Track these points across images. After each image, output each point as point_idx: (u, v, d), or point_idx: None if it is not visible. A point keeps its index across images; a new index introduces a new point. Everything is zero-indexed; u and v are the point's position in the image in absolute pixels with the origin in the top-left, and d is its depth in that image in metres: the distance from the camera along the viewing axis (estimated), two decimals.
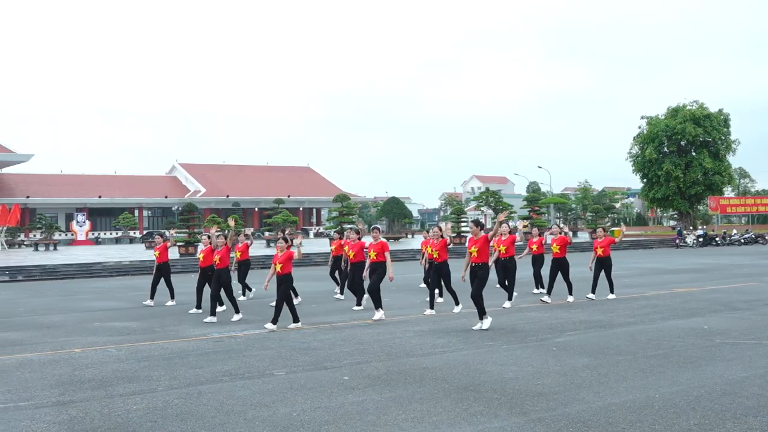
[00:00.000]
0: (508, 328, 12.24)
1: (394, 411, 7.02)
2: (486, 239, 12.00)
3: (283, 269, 12.51)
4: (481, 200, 59.07)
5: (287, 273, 12.55)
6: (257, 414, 7.03)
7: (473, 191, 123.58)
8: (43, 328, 13.84)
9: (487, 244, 12.02)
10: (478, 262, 11.96)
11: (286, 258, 12.56)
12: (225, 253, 14.39)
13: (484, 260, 11.98)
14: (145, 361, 9.99)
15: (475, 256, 11.99)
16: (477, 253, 11.97)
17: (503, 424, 6.53)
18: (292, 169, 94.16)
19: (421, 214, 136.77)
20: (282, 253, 12.63)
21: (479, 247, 11.95)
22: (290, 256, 12.62)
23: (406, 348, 10.53)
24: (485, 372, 8.75)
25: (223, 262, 14.30)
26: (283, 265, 12.51)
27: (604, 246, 16.41)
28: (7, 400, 7.88)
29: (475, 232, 12.12)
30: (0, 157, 69.25)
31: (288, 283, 12.62)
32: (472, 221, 12.56)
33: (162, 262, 17.06)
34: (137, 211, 79.88)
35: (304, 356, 10.03)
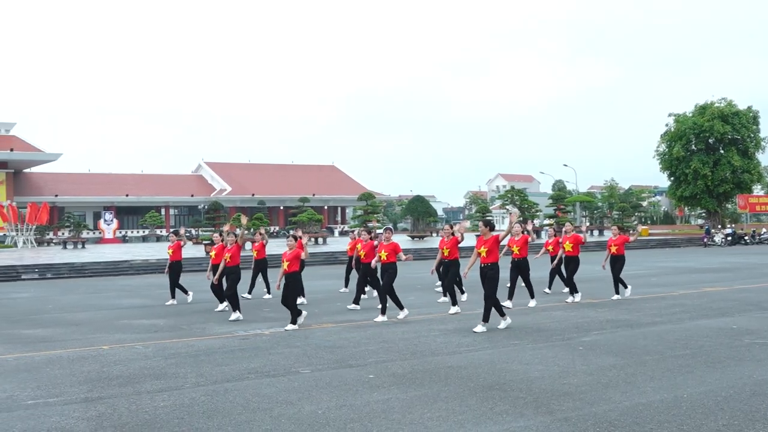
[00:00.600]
0: (534, 327, 12.18)
1: (419, 409, 7.02)
2: (496, 239, 11.86)
3: (290, 267, 12.40)
4: (506, 199, 58.84)
5: (294, 271, 12.44)
6: (283, 411, 7.06)
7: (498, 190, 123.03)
8: (72, 325, 14.00)
9: (497, 244, 11.89)
10: (487, 262, 11.83)
11: (293, 256, 12.44)
12: (236, 251, 14.33)
13: (494, 260, 11.85)
14: (172, 358, 10.07)
15: (484, 257, 11.86)
16: (486, 254, 11.83)
17: (529, 423, 6.50)
18: (317, 168, 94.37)
19: (445, 212, 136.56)
20: (290, 252, 12.53)
21: (489, 248, 11.81)
22: (298, 254, 12.48)
23: (431, 346, 10.52)
24: (511, 371, 8.72)
25: (233, 260, 14.25)
26: (290, 263, 12.41)
27: (619, 244, 16.19)
28: (36, 396, 7.98)
29: (485, 233, 12.00)
30: (29, 157, 70.15)
31: (295, 282, 12.52)
32: (482, 221, 12.45)
33: (175, 260, 17.04)
34: (164, 210, 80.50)
35: (329, 354, 10.06)
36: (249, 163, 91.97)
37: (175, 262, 17.05)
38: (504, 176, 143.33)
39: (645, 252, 40.31)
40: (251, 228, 40.06)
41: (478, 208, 57.66)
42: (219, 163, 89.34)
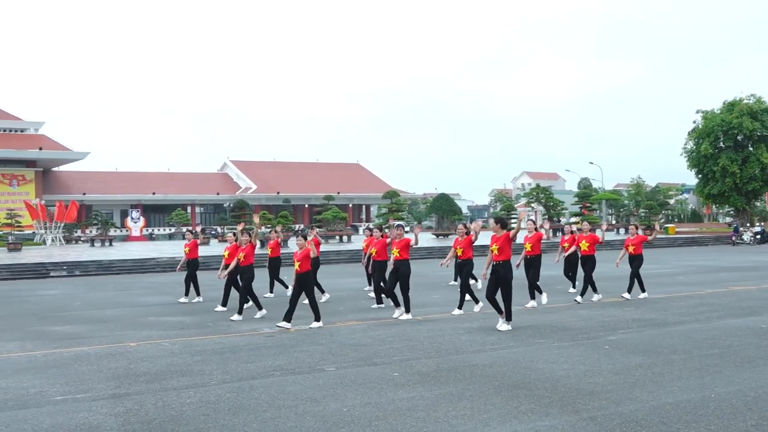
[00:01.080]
0: (559, 326, 12.11)
1: (444, 408, 7.01)
2: (507, 237, 11.74)
3: (302, 267, 12.24)
4: (531, 196, 58.59)
5: (306, 271, 12.29)
6: (308, 409, 7.08)
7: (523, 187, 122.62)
8: (99, 322, 14.14)
9: (508, 242, 11.74)
10: (499, 260, 11.72)
11: (303, 256, 12.28)
12: (249, 250, 14.24)
13: (506, 258, 11.73)
14: (198, 355, 10.14)
15: (496, 254, 11.74)
16: (498, 251, 11.71)
17: (554, 422, 6.47)
18: (341, 166, 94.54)
19: (470, 210, 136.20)
20: (300, 251, 12.36)
21: (500, 245, 11.69)
22: (307, 254, 12.30)
23: (456, 345, 10.50)
24: (536, 370, 8.68)
25: (247, 259, 14.18)
26: (301, 263, 12.24)
27: (636, 244, 15.91)
28: (65, 392, 8.08)
29: (496, 230, 11.92)
30: (58, 155, 71.00)
31: (307, 281, 12.36)
32: (494, 219, 12.41)
33: (191, 258, 17.07)
34: (190, 208, 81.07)
35: (353, 352, 10.07)
36: (274, 162, 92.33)
37: (192, 260, 17.08)
38: (529, 174, 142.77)
39: (672, 250, 39.94)
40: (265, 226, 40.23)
41: (503, 206, 57.40)
42: (244, 162, 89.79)
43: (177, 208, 75.90)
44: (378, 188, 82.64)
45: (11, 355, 10.56)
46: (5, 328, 13.52)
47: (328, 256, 32.84)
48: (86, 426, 6.69)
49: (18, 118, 74.47)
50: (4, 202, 64.77)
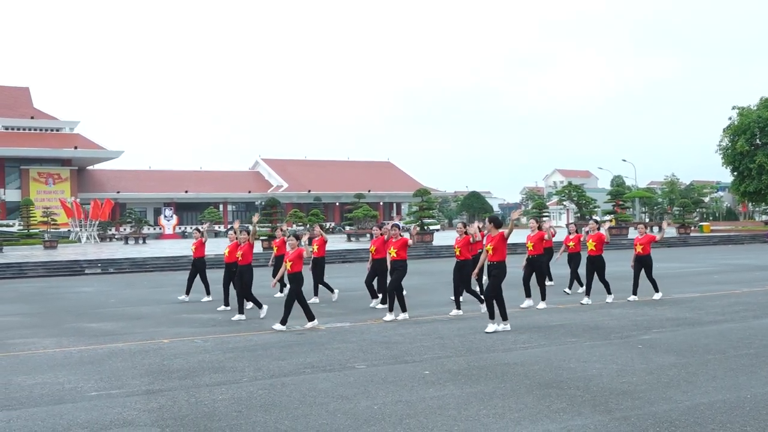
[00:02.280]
0: (591, 325, 12.02)
1: (475, 406, 6.99)
2: (502, 237, 11.44)
3: (293, 267, 12.03)
4: (563, 194, 58.09)
5: (297, 272, 12.04)
6: (339, 406, 7.10)
7: (555, 185, 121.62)
8: (133, 318, 14.30)
9: (503, 242, 11.46)
10: (493, 260, 11.46)
11: (296, 256, 12.09)
12: (248, 249, 13.96)
13: (500, 258, 11.44)
14: (230, 352, 10.22)
15: (490, 254, 11.50)
16: (492, 251, 11.47)
17: (586, 422, 6.42)
18: (372, 164, 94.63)
19: (501, 208, 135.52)
20: (293, 251, 12.18)
21: (494, 245, 11.44)
22: (300, 253, 12.11)
23: (486, 343, 10.47)
24: (568, 369, 8.62)
25: (245, 258, 13.88)
26: (293, 263, 12.05)
27: (644, 243, 15.33)
28: (99, 387, 8.19)
29: (491, 230, 11.64)
30: (92, 154, 71.97)
31: (298, 282, 12.08)
32: (489, 218, 12.03)
33: (198, 257, 16.99)
34: (222, 206, 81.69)
35: (384, 350, 10.08)
36: (305, 160, 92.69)
37: (198, 259, 17.01)
38: (561, 172, 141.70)
39: (707, 249, 39.42)
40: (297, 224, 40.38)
41: (535, 204, 56.95)
42: (276, 160, 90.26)
43: (209, 206, 76.52)
44: (409, 186, 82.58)
45: (47, 351, 10.72)
46: (42, 325, 13.73)
47: (359, 254, 32.88)
48: (120, 421, 6.77)
49: (54, 117, 75.60)
50: (41, 200, 65.77)
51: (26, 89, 79.09)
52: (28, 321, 14.37)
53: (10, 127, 72.35)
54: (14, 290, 21.91)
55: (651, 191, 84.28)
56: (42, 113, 75.64)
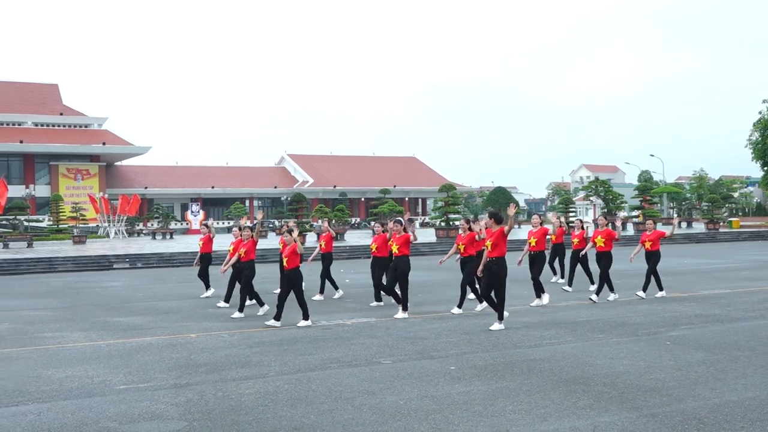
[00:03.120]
0: (618, 321, 11.93)
1: (501, 402, 6.97)
2: (501, 233, 11.28)
3: (289, 263, 11.93)
4: (589, 190, 57.70)
5: (294, 267, 11.94)
6: (365, 401, 7.12)
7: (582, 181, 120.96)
8: (161, 313, 14.42)
9: (502, 238, 11.28)
10: (492, 256, 11.28)
11: (291, 252, 11.98)
12: (251, 246, 13.90)
13: (500, 254, 11.27)
14: (256, 346, 10.27)
15: (489, 251, 11.34)
16: (491, 248, 11.30)
17: (614, 418, 6.38)
18: (398, 160, 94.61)
19: (527, 203, 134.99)
20: (288, 247, 12.08)
21: (494, 241, 11.25)
22: (295, 249, 11.94)
23: (512, 339, 10.43)
24: (595, 365, 8.57)
25: (248, 255, 13.80)
26: (289, 259, 11.93)
27: (653, 239, 15.02)
28: (128, 381, 8.27)
29: (491, 225, 11.49)
30: (120, 150, 72.66)
31: (294, 278, 11.96)
32: (489, 214, 11.84)
33: (205, 252, 16.99)
34: (248, 201, 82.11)
35: (410, 345, 10.08)
36: (331, 156, 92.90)
37: (205, 254, 17.00)
38: (588, 167, 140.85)
39: (736, 245, 38.94)
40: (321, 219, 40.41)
41: (561, 199, 56.67)
42: (301, 156, 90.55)
43: (235, 202, 76.96)
44: (434, 182, 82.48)
45: (77, 345, 10.85)
46: (71, 319, 13.89)
47: None
48: (148, 415, 6.84)
49: (82, 114, 76.42)
50: (70, 195, 66.54)
51: (55, 86, 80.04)
52: (57, 315, 14.55)
53: (39, 124, 73.27)
54: (44, 284, 22.19)
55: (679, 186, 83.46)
56: (71, 110, 76.49)
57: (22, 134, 70.01)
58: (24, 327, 12.89)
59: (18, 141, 68.16)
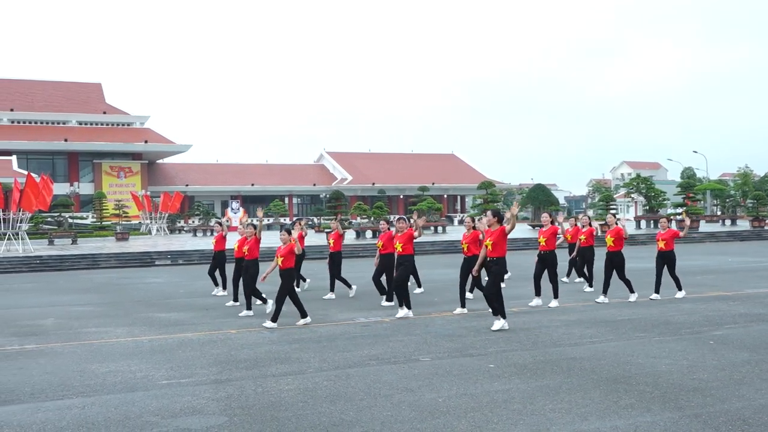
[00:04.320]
0: (661, 320, 11.77)
1: (541, 400, 6.93)
2: (502, 231, 10.95)
3: (285, 263, 11.77)
4: (631, 187, 56.95)
5: (288, 267, 11.79)
6: (403, 398, 7.12)
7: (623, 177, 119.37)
8: (202, 309, 14.57)
9: (503, 237, 10.97)
10: (492, 256, 10.98)
11: (287, 251, 11.80)
12: (254, 244, 13.79)
13: (500, 254, 10.98)
14: (296, 343, 10.33)
15: (489, 250, 11.03)
16: (492, 247, 10.97)
17: (656, 418, 6.30)
18: (436, 157, 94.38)
19: (567, 201, 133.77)
20: (284, 247, 11.91)
21: (494, 240, 10.94)
22: (291, 249, 11.80)
23: (552, 337, 10.35)
24: (636, 364, 8.47)
25: (251, 253, 13.72)
26: (285, 258, 11.77)
27: (667, 239, 14.45)
28: (170, 376, 8.38)
29: (492, 223, 11.13)
30: (162, 148, 73.55)
31: (289, 278, 11.79)
32: (490, 211, 11.45)
33: (218, 250, 16.90)
34: (287, 199, 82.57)
35: (449, 343, 10.06)
36: (369, 153, 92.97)
37: (219, 253, 16.92)
38: (629, 164, 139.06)
39: None
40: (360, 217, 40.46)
41: (602, 196, 56.00)
42: (340, 153, 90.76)
43: (275, 199, 77.45)
44: (473, 179, 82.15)
45: (120, 340, 11.02)
46: (115, 314, 14.11)
47: (423, 246, 32.87)
48: (190, 409, 6.92)
49: (125, 112, 77.51)
50: (113, 193, 67.61)
51: (98, 85, 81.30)
52: (101, 311, 14.79)
53: (83, 122, 74.50)
54: (88, 281, 22.57)
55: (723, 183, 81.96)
56: (114, 108, 77.62)
57: (66, 133, 71.25)
58: (69, 322, 13.13)
59: (63, 139, 69.39)
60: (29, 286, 21.02)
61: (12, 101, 73.23)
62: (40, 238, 42.76)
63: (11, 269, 27.66)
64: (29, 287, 20.76)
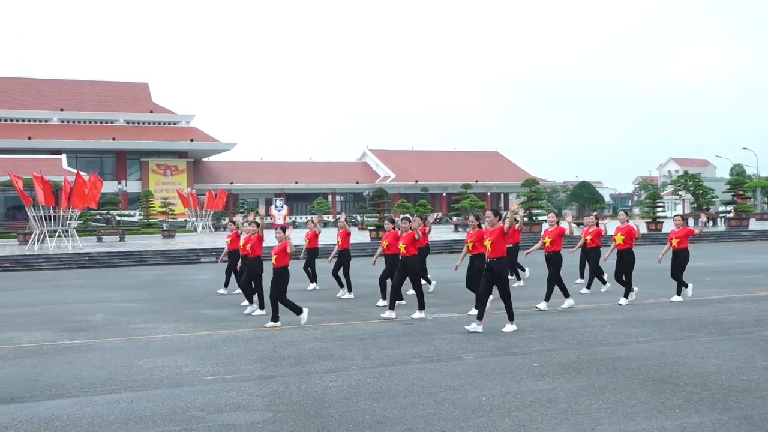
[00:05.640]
0: (709, 319, 11.56)
1: (585, 400, 6.86)
2: (501, 231, 10.64)
3: (278, 261, 11.69)
4: (678, 184, 56.08)
5: (282, 266, 11.71)
6: (447, 396, 7.10)
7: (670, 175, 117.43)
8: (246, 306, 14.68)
9: (502, 237, 10.66)
10: (493, 257, 10.61)
11: (280, 250, 11.77)
12: (256, 242, 13.56)
13: (501, 254, 10.65)
14: (339, 340, 10.38)
15: (489, 251, 10.69)
16: (491, 247, 10.61)
17: (704, 419, 6.19)
18: (479, 154, 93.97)
19: (613, 198, 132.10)
20: (278, 245, 11.86)
21: (494, 240, 10.59)
22: (284, 248, 11.74)
23: (597, 336, 10.24)
24: (684, 364, 8.33)
25: (254, 251, 13.45)
26: (278, 256, 11.71)
27: (681, 237, 13.83)
28: (215, 372, 8.48)
29: (492, 222, 10.80)
30: (207, 146, 74.46)
31: (282, 276, 11.70)
32: (490, 210, 11.18)
33: (233, 249, 16.60)
34: (330, 196, 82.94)
35: (492, 341, 10.01)
36: (412, 151, 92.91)
37: (233, 251, 16.53)
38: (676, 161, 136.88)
39: None
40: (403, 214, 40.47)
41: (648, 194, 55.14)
42: (383, 151, 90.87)
43: (318, 197, 77.86)
44: (517, 176, 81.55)
45: (166, 336, 11.18)
46: (161, 311, 14.32)
47: None
48: (235, 405, 6.99)
49: (171, 111, 78.65)
50: (159, 191, 68.63)
51: (145, 85, 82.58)
52: (148, 307, 15.02)
53: (131, 122, 75.76)
54: (135, 277, 22.94)
55: None
56: (160, 107, 78.79)
57: (114, 132, 72.52)
58: (117, 318, 13.37)
59: (111, 138, 70.67)
60: (79, 283, 21.43)
61: (62, 101, 74.78)
62: (89, 235, 43.61)
63: (61, 266, 28.24)
64: (79, 283, 21.18)
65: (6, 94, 73.85)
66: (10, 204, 62.75)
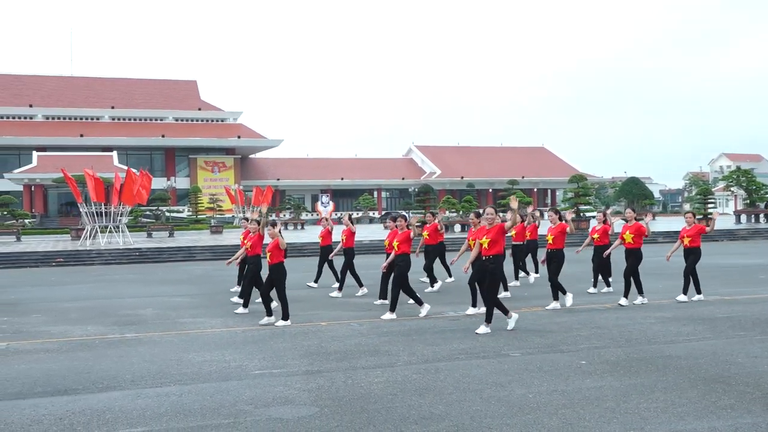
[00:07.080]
0: (762, 318, 11.32)
1: (634, 399, 6.77)
2: (501, 228, 10.42)
3: (272, 258, 11.69)
4: (731, 180, 54.95)
5: (278, 263, 11.69)
6: (493, 393, 7.07)
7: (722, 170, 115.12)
8: (293, 301, 14.69)
9: (502, 234, 10.42)
10: (489, 254, 10.40)
11: (273, 247, 11.70)
12: (257, 240, 13.46)
13: (498, 252, 10.41)
14: (385, 336, 10.40)
15: (485, 248, 10.46)
16: (489, 245, 10.39)
17: (757, 420, 6.07)
18: (526, 150, 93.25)
19: (662, 195, 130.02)
20: (271, 242, 11.77)
21: (492, 238, 10.36)
22: (277, 244, 11.65)
23: (647, 334, 10.10)
24: (736, 363, 8.17)
25: (254, 249, 13.37)
26: (272, 254, 11.68)
27: (693, 235, 13.49)
28: (262, 366, 8.56)
29: (491, 220, 10.60)
30: (254, 143, 75.23)
31: (278, 273, 11.70)
32: (491, 207, 10.93)
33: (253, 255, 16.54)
34: (376, 193, 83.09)
35: (539, 338, 9.94)
36: (458, 146, 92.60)
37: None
38: (728, 156, 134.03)
39: None
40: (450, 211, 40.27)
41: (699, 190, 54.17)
42: (429, 147, 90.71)
43: (364, 193, 78.04)
44: (564, 172, 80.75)
45: (215, 331, 11.33)
46: (210, 305, 14.51)
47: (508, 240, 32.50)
48: (282, 399, 7.06)
49: (219, 108, 79.59)
50: (207, 187, 69.53)
51: (194, 82, 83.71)
52: (196, 302, 15.23)
53: (179, 119, 76.89)
54: (185, 272, 23.27)
55: None
56: (208, 105, 79.83)
57: (163, 129, 73.66)
58: (166, 312, 13.58)
59: (160, 135, 71.81)
60: (129, 277, 21.83)
61: (113, 100, 76.24)
62: (139, 231, 44.38)
63: (112, 261, 28.78)
64: (129, 278, 21.57)
65: (59, 93, 75.60)
66: (63, 200, 64.35)
